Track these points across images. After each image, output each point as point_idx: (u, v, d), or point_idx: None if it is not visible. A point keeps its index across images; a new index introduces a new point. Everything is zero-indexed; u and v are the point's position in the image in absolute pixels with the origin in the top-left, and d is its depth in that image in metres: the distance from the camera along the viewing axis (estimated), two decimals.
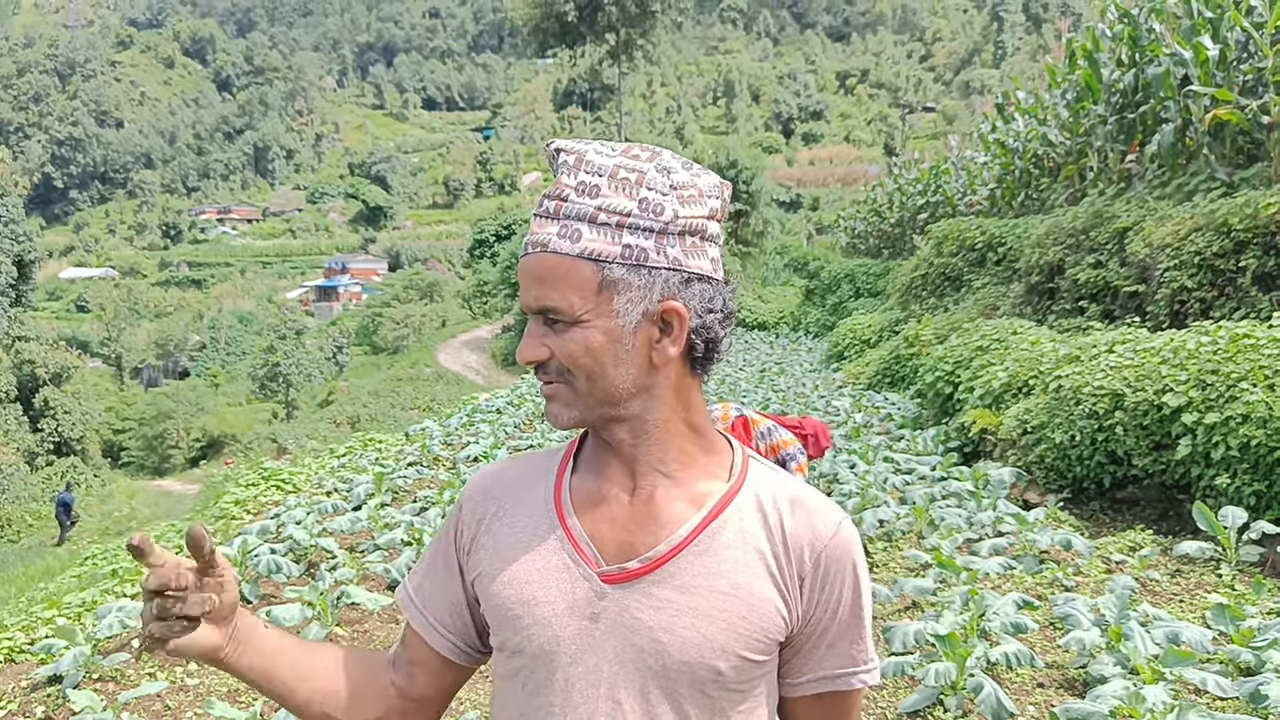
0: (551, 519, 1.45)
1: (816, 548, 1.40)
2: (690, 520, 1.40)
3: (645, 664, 1.35)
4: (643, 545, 1.39)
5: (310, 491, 11.33)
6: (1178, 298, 10.91)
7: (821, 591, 1.41)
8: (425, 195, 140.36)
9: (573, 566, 1.40)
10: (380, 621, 6.48)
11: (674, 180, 1.38)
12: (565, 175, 1.37)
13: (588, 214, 1.34)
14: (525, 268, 1.37)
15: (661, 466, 1.42)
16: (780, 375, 21.29)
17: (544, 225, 1.36)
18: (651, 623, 1.36)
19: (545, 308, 1.35)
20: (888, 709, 4.84)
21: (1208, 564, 6.53)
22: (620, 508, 1.42)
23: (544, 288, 1.34)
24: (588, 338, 1.34)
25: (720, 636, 1.35)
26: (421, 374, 43.83)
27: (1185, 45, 13.99)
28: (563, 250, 1.34)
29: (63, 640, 5.80)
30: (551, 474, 1.50)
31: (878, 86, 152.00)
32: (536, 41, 58.07)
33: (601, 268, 1.34)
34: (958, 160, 29.70)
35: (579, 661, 1.37)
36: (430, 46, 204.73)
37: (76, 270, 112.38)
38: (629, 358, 1.37)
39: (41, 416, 42.36)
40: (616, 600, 1.37)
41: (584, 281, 1.34)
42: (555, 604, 1.39)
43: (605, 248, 1.34)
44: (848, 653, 1.45)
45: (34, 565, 19.77)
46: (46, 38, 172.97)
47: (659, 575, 1.37)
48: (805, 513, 1.42)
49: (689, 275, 1.38)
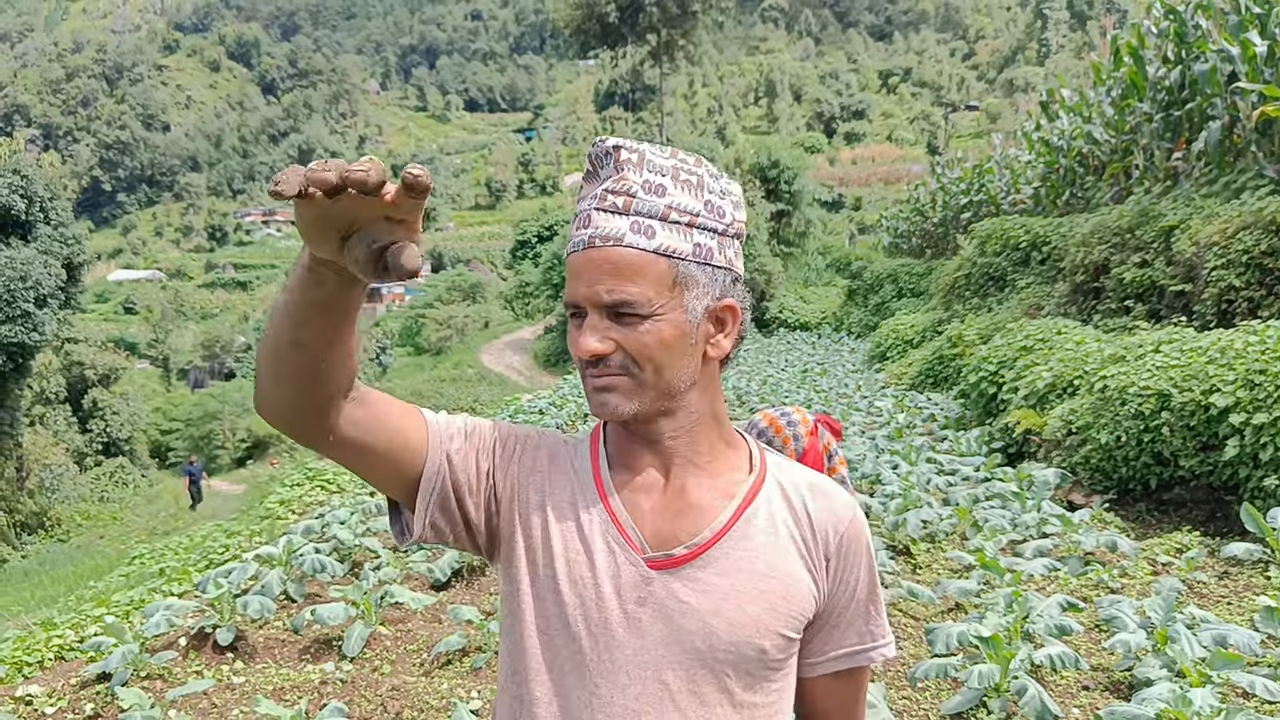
0: (595, 500, 1.47)
1: (839, 530, 1.48)
2: (726, 509, 1.46)
3: (693, 646, 1.40)
4: (684, 533, 1.44)
5: (354, 491, 11.41)
6: (1225, 297, 10.79)
7: (843, 571, 1.50)
8: (468, 196, 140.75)
9: (618, 550, 1.43)
10: (424, 621, 6.51)
11: (725, 188, 1.45)
12: (631, 173, 1.40)
13: (659, 212, 1.38)
14: (593, 261, 1.38)
15: (695, 459, 1.47)
16: (823, 376, 21.23)
17: (610, 220, 1.38)
18: (699, 606, 1.41)
19: (621, 300, 1.36)
20: (930, 710, 4.82)
21: (1256, 566, 6.46)
22: (654, 498, 1.46)
23: (619, 280, 1.37)
24: (661, 331, 1.38)
25: (764, 617, 1.41)
26: (465, 375, 43.96)
27: (1232, 41, 13.85)
28: (639, 245, 1.37)
29: (111, 638, 5.86)
30: (585, 459, 1.52)
31: (920, 85, 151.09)
32: (578, 43, 58.23)
33: (676, 264, 1.38)
34: (1001, 159, 29.47)
35: (626, 644, 1.41)
36: (472, 48, 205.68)
37: (124, 273, 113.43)
38: (692, 351, 1.42)
39: (90, 417, 42.89)
40: (663, 585, 1.42)
41: (660, 276, 1.37)
42: (603, 586, 1.42)
43: (680, 245, 1.39)
44: (866, 629, 1.54)
45: (84, 564, 20.04)
46: (94, 43, 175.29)
47: (703, 561, 1.43)
48: (825, 498, 1.50)
49: (737, 275, 1.46)
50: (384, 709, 5.12)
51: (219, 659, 5.93)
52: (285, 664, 5.92)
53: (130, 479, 39.03)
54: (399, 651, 6.01)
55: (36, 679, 5.80)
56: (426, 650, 5.94)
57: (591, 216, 1.40)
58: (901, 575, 6.92)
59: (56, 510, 33.02)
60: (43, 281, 29.33)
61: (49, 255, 30.27)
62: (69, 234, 31.78)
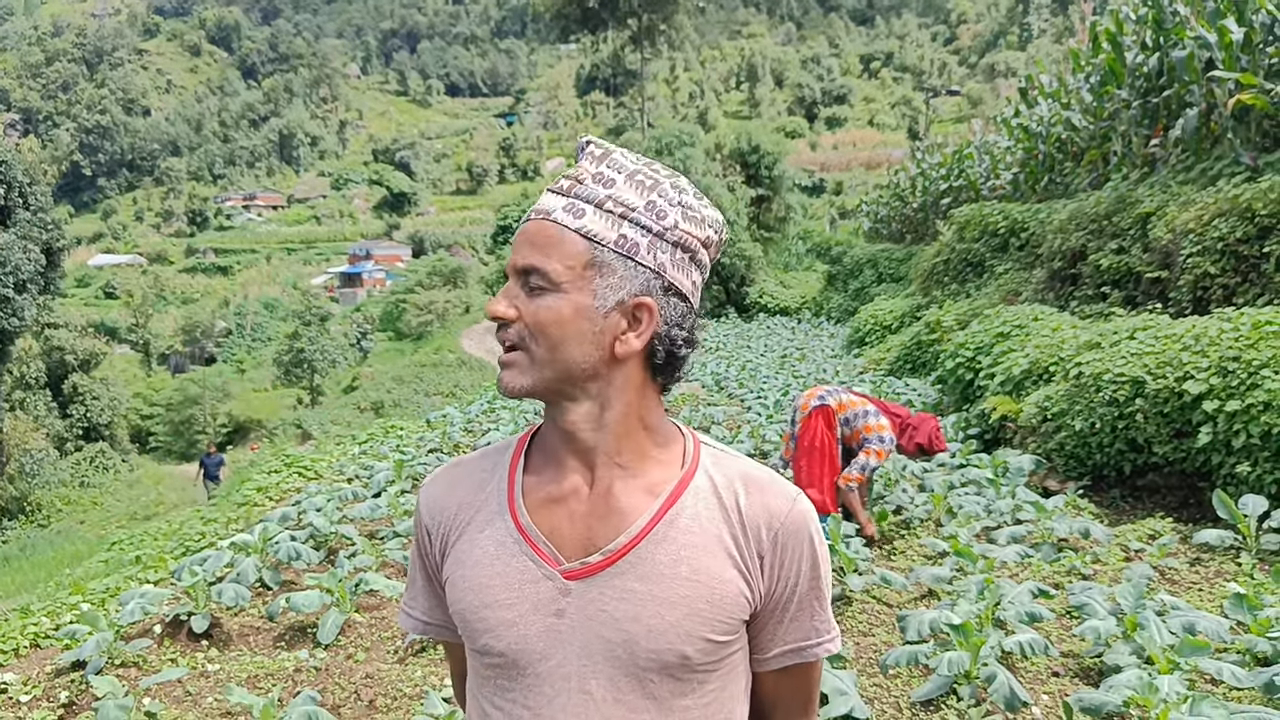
0: (506, 521, 1.47)
1: (774, 525, 1.45)
2: (647, 510, 1.43)
3: (613, 654, 1.39)
4: (602, 538, 1.42)
5: (331, 478, 11.40)
6: (1200, 284, 10.84)
7: (781, 568, 1.45)
8: (449, 181, 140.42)
9: (533, 567, 1.43)
10: (398, 608, 6.50)
11: (684, 199, 1.44)
12: (588, 163, 1.45)
13: (596, 199, 1.41)
14: (523, 231, 1.43)
15: (618, 459, 1.45)
16: (801, 361, 21.26)
17: (553, 199, 1.43)
18: (617, 614, 1.39)
19: (530, 267, 1.39)
20: (901, 697, 4.84)
21: (1227, 552, 6.51)
22: (579, 503, 1.45)
23: (534, 250, 1.39)
24: (560, 307, 1.38)
25: (685, 622, 1.39)
26: (445, 360, 43.97)
27: (1210, 28, 13.88)
28: (563, 222, 1.40)
29: (86, 626, 5.85)
30: (502, 474, 1.53)
31: (902, 70, 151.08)
32: (559, 27, 58.21)
33: (594, 247, 1.39)
34: (981, 145, 29.50)
35: (547, 657, 1.41)
36: (453, 32, 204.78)
37: (105, 257, 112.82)
38: (593, 339, 1.40)
39: (70, 402, 42.72)
40: (580, 595, 1.41)
41: (574, 255, 1.38)
42: (519, 605, 1.42)
43: (603, 231, 1.39)
44: (809, 625, 1.51)
45: (64, 549, 19.99)
46: (74, 26, 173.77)
47: (621, 566, 1.41)
48: (759, 491, 1.46)
49: (669, 284, 1.43)
50: (357, 696, 5.12)
51: (194, 647, 5.93)
52: (260, 651, 5.92)
53: (111, 464, 38.89)
54: (373, 639, 6.02)
55: (11, 667, 5.78)
56: (401, 638, 5.95)
57: (542, 196, 1.45)
58: (875, 562, 6.95)
59: (36, 495, 32.91)
60: (22, 266, 29.20)
61: (28, 240, 30.11)
62: (48, 219, 31.62)
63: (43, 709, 5.12)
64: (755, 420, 12.68)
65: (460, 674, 1.69)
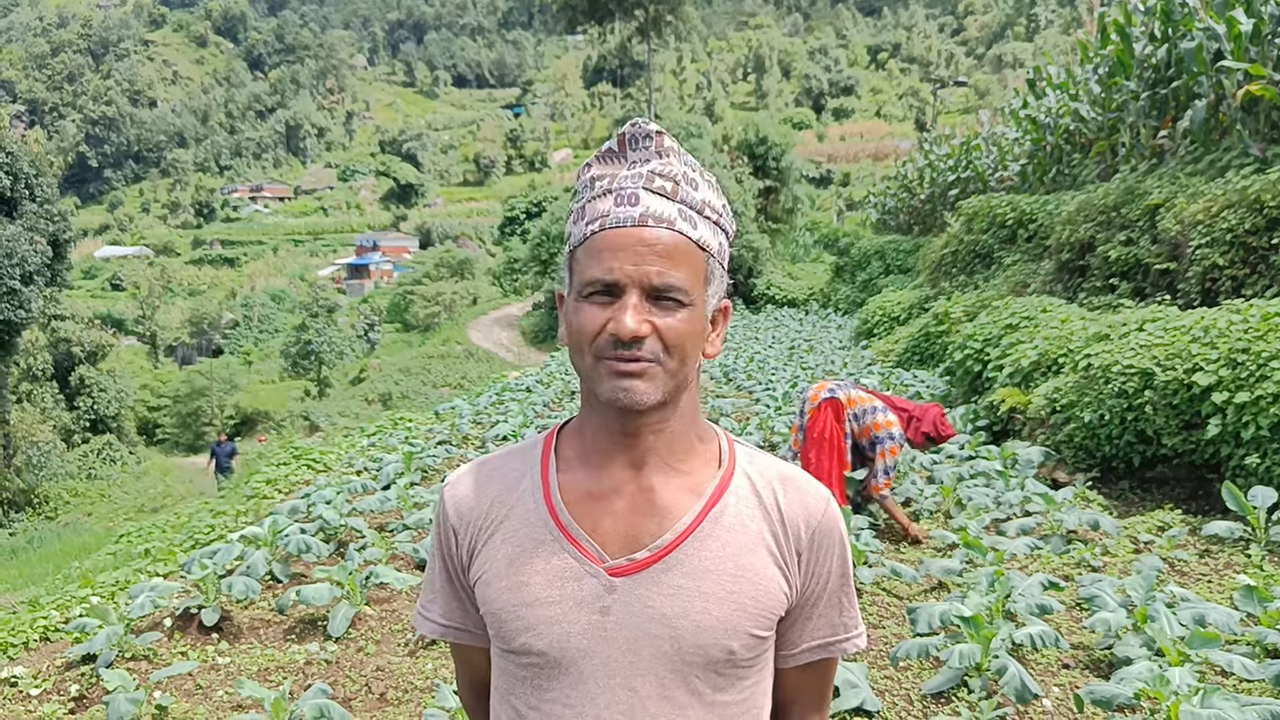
0: (545, 519, 1.46)
1: (811, 524, 1.47)
2: (692, 508, 1.44)
3: (660, 650, 1.39)
4: (648, 535, 1.42)
5: (340, 471, 11.41)
6: (1209, 275, 10.82)
7: (816, 565, 1.48)
8: (456, 172, 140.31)
9: (575, 564, 1.42)
10: (408, 600, 6.52)
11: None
12: (675, 160, 1.42)
13: (698, 204, 1.40)
14: (645, 240, 1.35)
15: (669, 458, 1.46)
16: (809, 352, 21.24)
17: (660, 203, 1.38)
18: (665, 610, 1.39)
19: (670, 285, 1.34)
20: (912, 689, 4.84)
21: (1236, 544, 6.51)
22: (620, 501, 1.44)
23: (671, 264, 1.35)
24: (692, 321, 1.37)
25: (732, 617, 1.40)
26: (453, 351, 43.98)
27: (1218, 20, 13.84)
28: (685, 232, 1.38)
29: (96, 619, 5.85)
30: (535, 472, 1.52)
31: (909, 61, 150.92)
32: (566, 18, 57.92)
33: (707, 259, 1.40)
34: (989, 136, 29.47)
35: (591, 655, 1.40)
36: (460, 23, 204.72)
37: (111, 249, 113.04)
38: (703, 347, 1.43)
39: (78, 394, 42.79)
40: (627, 591, 1.40)
41: (698, 267, 1.39)
42: (561, 603, 1.41)
43: (710, 240, 1.41)
44: (838, 621, 1.54)
45: (71, 542, 20.02)
46: (80, 17, 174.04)
47: (667, 563, 1.41)
48: (797, 491, 1.48)
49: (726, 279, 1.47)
50: (368, 689, 5.14)
51: (204, 640, 5.94)
52: (270, 644, 5.93)
53: (118, 456, 38.93)
54: (384, 632, 6.02)
55: (21, 660, 5.80)
56: (411, 631, 5.95)
57: (639, 196, 1.37)
58: (885, 554, 6.95)
59: (44, 488, 32.92)
60: (28, 258, 29.18)
61: (35, 232, 30.10)
62: (55, 210, 31.61)
63: (53, 702, 5.14)
64: (764, 412, 12.66)
65: (470, 680, 1.68)
